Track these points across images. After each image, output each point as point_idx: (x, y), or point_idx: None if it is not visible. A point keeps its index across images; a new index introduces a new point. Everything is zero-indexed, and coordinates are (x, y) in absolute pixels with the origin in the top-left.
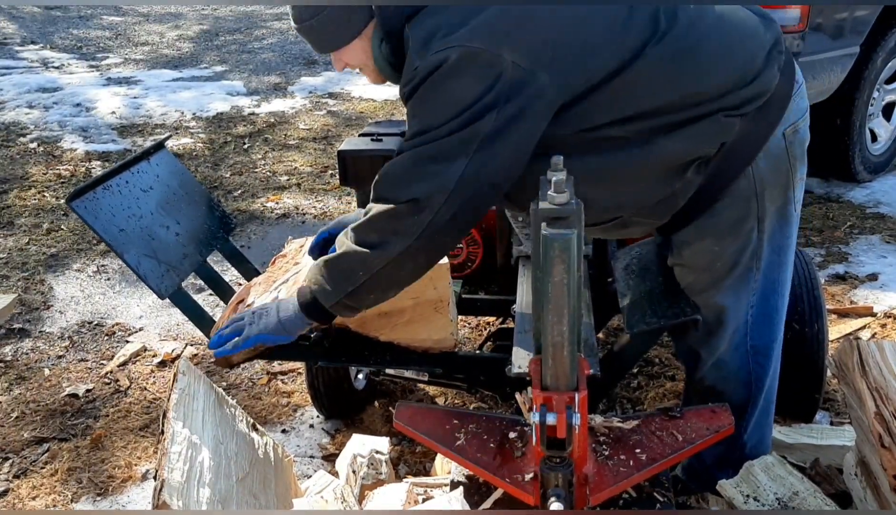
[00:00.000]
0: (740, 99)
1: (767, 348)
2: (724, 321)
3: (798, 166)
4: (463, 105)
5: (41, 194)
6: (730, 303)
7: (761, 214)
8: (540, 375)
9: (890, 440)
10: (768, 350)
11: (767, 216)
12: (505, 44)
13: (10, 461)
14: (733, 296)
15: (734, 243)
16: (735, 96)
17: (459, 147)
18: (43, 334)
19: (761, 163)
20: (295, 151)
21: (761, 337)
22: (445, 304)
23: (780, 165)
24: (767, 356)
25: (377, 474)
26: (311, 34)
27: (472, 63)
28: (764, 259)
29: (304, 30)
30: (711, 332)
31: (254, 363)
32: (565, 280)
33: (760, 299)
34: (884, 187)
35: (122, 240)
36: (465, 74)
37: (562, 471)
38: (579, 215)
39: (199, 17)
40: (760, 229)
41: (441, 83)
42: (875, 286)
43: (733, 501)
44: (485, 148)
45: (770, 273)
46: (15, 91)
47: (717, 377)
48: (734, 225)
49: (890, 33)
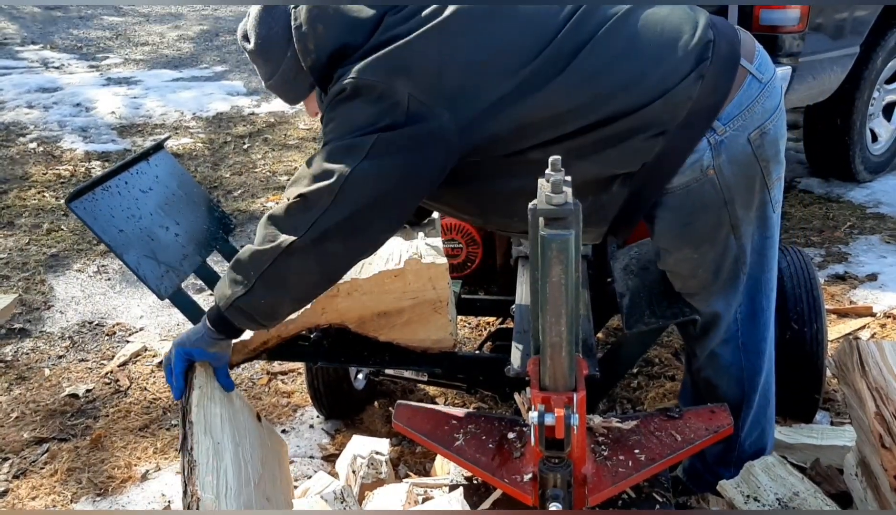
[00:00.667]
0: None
1: (757, 346)
2: (715, 320)
3: (772, 167)
4: (358, 124)
5: (41, 194)
6: (720, 307)
7: (734, 221)
8: (538, 375)
9: (890, 440)
10: (758, 348)
11: (743, 222)
12: (400, 77)
13: (10, 461)
14: (723, 300)
15: (712, 250)
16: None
17: (349, 153)
18: (43, 334)
19: (726, 171)
20: (295, 151)
21: (750, 335)
22: (444, 304)
23: (748, 170)
24: (758, 354)
25: (377, 474)
26: (276, 91)
27: (367, 92)
28: (748, 260)
29: (271, 88)
30: (706, 330)
31: (254, 364)
32: (563, 281)
33: (746, 298)
34: (884, 187)
35: (121, 241)
36: (359, 100)
37: (560, 472)
38: (577, 216)
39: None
40: (737, 236)
41: (339, 106)
42: (875, 286)
43: (733, 501)
44: (374, 157)
45: (753, 273)
46: (15, 91)
47: (712, 371)
48: (709, 233)
49: (890, 33)
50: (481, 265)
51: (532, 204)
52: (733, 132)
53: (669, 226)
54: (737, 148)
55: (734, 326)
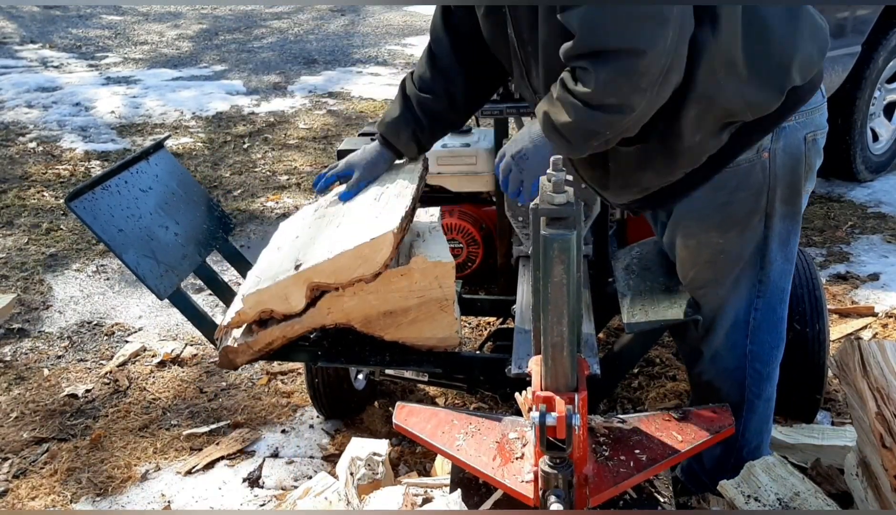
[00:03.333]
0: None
1: (768, 356)
2: (722, 318)
3: (810, 176)
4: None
5: (40, 193)
6: (732, 299)
7: (770, 210)
8: (540, 375)
9: (891, 440)
10: (769, 358)
11: (776, 215)
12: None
13: (10, 461)
14: (735, 293)
15: (739, 236)
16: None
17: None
18: (42, 334)
19: (779, 158)
20: (295, 150)
21: (762, 344)
22: (451, 303)
23: (796, 166)
24: (767, 364)
25: (373, 474)
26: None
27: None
28: (773, 262)
29: None
30: (710, 329)
31: (253, 364)
32: (565, 281)
33: (766, 306)
34: (885, 187)
35: (120, 240)
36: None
37: (562, 472)
38: (579, 216)
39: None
40: (768, 227)
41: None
42: (876, 286)
43: (734, 501)
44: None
45: (779, 281)
46: (14, 90)
47: (714, 374)
48: (743, 217)
49: (891, 32)
50: (482, 265)
51: (533, 204)
52: (796, 124)
53: (704, 204)
54: (794, 140)
55: (744, 329)
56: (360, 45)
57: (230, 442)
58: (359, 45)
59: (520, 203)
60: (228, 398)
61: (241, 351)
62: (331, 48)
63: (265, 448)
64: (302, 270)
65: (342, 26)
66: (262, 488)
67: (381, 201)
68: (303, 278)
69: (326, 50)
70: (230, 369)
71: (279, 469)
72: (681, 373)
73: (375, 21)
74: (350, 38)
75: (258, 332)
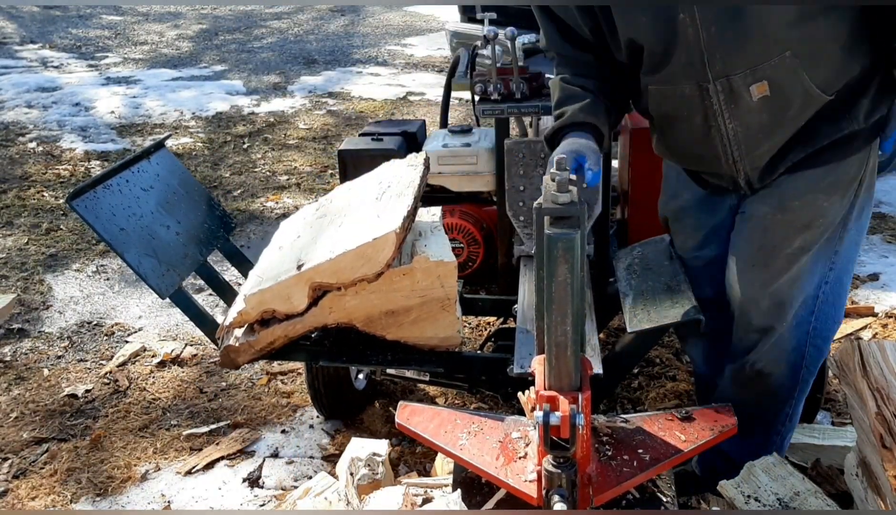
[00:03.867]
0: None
1: (829, 331)
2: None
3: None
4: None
5: (40, 193)
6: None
7: (863, 177)
8: (543, 375)
9: (891, 440)
10: (829, 334)
11: (865, 183)
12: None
13: (10, 461)
14: (815, 264)
15: (839, 202)
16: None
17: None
18: (42, 334)
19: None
20: (295, 150)
21: (826, 318)
22: (452, 302)
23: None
24: (827, 339)
25: (373, 474)
26: None
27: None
28: (849, 232)
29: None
30: (779, 310)
31: (254, 364)
32: (569, 280)
33: (835, 278)
34: (885, 187)
35: (122, 239)
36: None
37: (565, 471)
38: (583, 215)
39: (199, 16)
40: (857, 194)
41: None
42: (876, 286)
43: (734, 501)
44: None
45: (851, 251)
46: (14, 91)
47: (769, 359)
48: (846, 183)
49: None
50: (482, 265)
51: (537, 203)
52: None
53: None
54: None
55: (812, 304)
56: (360, 46)
57: (230, 442)
58: (359, 45)
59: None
60: (228, 398)
61: (242, 350)
62: (331, 48)
63: (265, 449)
64: (304, 270)
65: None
66: (262, 488)
67: (383, 200)
68: (305, 278)
69: (326, 50)
70: (232, 368)
71: (279, 469)
72: (681, 373)
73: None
74: (350, 38)
75: (260, 331)
